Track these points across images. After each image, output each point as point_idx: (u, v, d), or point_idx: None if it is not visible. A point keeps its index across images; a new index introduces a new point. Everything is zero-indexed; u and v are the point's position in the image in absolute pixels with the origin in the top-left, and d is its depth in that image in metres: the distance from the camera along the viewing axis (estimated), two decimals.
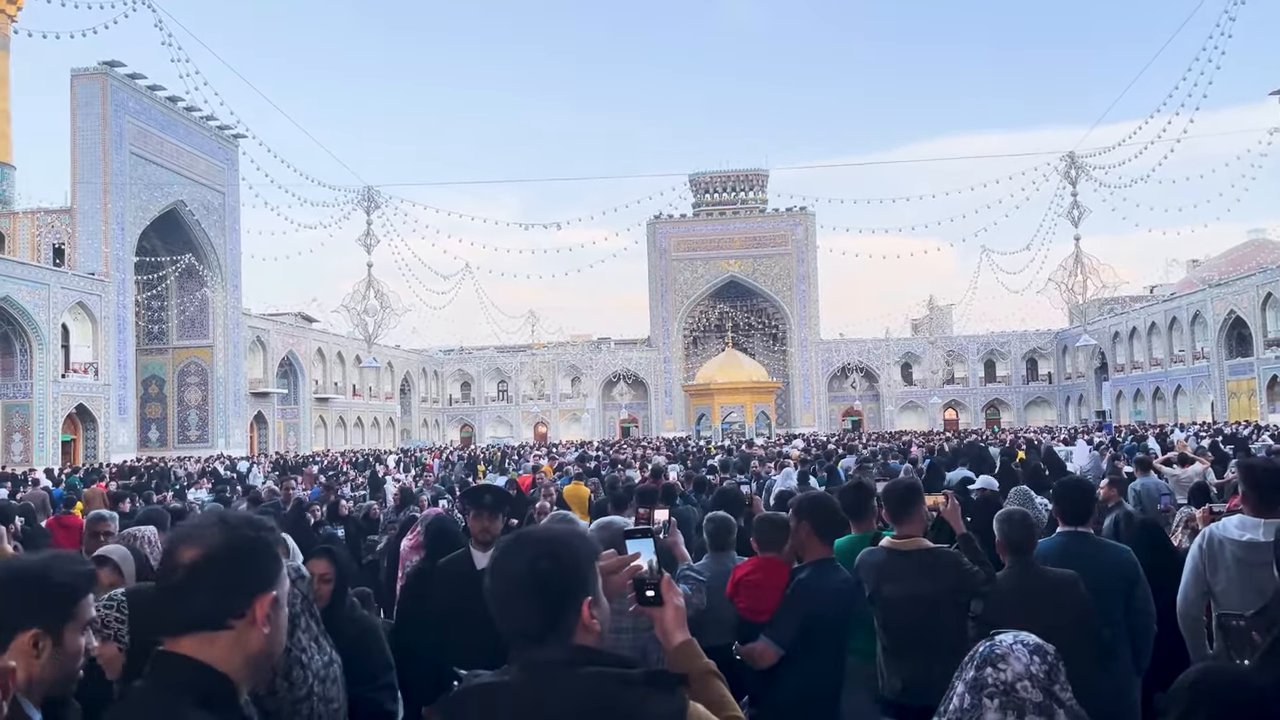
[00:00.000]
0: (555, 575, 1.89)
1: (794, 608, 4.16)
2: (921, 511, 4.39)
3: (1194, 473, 15.20)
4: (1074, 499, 4.92)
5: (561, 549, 1.95)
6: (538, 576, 1.88)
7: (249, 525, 1.84)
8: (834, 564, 4.37)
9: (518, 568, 1.91)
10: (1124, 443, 25.47)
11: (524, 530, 2.11)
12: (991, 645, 2.08)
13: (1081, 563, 4.50)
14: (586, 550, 2.01)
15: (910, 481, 4.53)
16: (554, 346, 78.96)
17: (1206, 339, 59.54)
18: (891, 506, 4.41)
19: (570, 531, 2.09)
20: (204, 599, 1.74)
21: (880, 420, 77.15)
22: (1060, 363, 79.44)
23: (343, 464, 35.10)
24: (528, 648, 1.89)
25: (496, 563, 1.97)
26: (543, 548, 1.95)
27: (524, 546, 1.96)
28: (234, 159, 52.57)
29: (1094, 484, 5.33)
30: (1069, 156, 28.78)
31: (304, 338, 62.68)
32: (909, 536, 4.33)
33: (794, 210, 77.03)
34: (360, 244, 31.49)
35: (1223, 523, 4.30)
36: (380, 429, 71.58)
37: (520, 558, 1.92)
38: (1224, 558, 4.20)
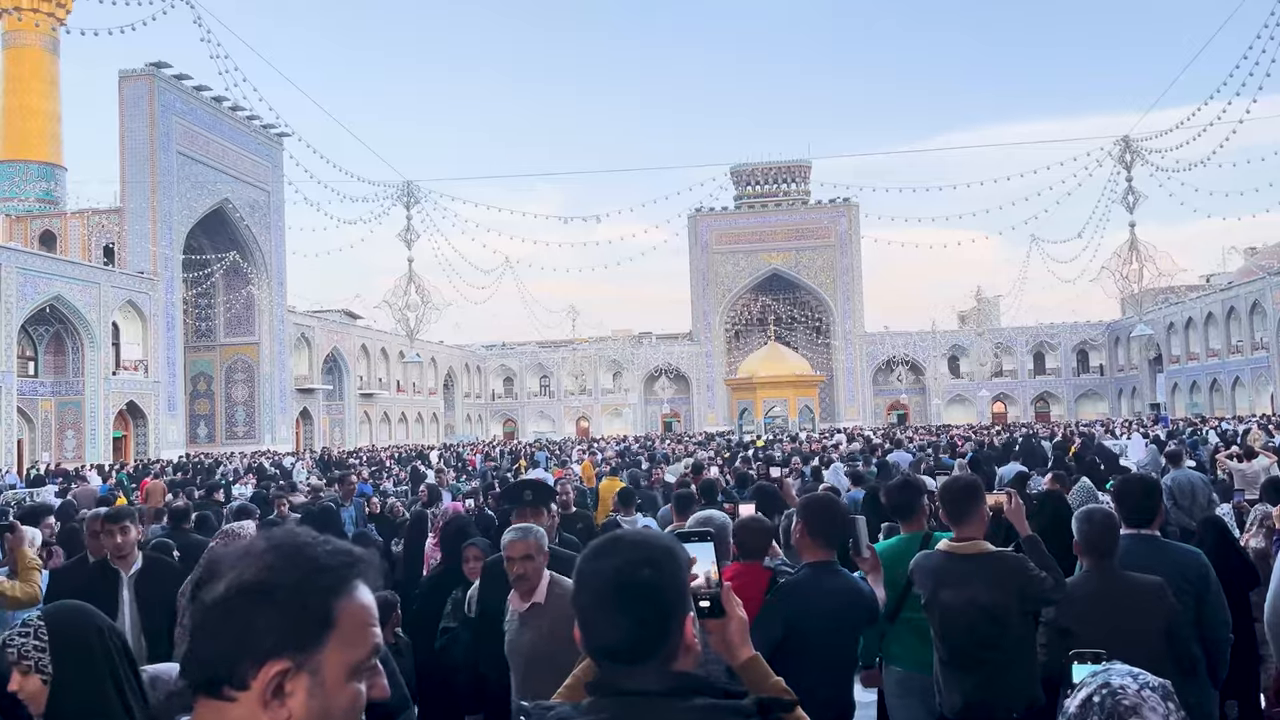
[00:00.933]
0: (659, 586, 1.61)
1: (774, 612, 3.91)
2: (983, 511, 4.01)
3: (1260, 467, 14.58)
4: (1136, 498, 4.52)
5: (664, 556, 1.67)
6: (640, 587, 1.60)
7: (299, 558, 1.25)
8: (831, 567, 4.11)
9: (614, 575, 1.62)
10: (1184, 436, 24.62)
11: (618, 532, 1.83)
12: (1111, 692, 1.73)
13: (1147, 567, 4.12)
14: (685, 558, 1.74)
15: (970, 479, 4.15)
16: (595, 341, 78.88)
17: (1266, 329, 57.77)
18: (949, 506, 4.04)
19: (667, 536, 1.81)
20: (202, 653, 1.23)
21: (926, 414, 76.01)
22: (1112, 354, 77.67)
23: (387, 459, 35.27)
24: (621, 671, 1.60)
25: (586, 567, 1.69)
26: (642, 552, 1.66)
27: (620, 550, 1.68)
28: (278, 157, 53.14)
29: (1157, 481, 4.91)
30: (1123, 140, 27.91)
31: (348, 334, 63.23)
32: (969, 539, 3.96)
33: (836, 202, 76.10)
34: (401, 239, 31.53)
35: None
36: (424, 424, 72.04)
37: (616, 563, 1.64)
38: None
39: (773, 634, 3.83)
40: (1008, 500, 4.18)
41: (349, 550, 1.30)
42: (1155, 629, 3.75)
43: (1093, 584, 3.97)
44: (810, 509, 4.23)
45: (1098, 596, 3.86)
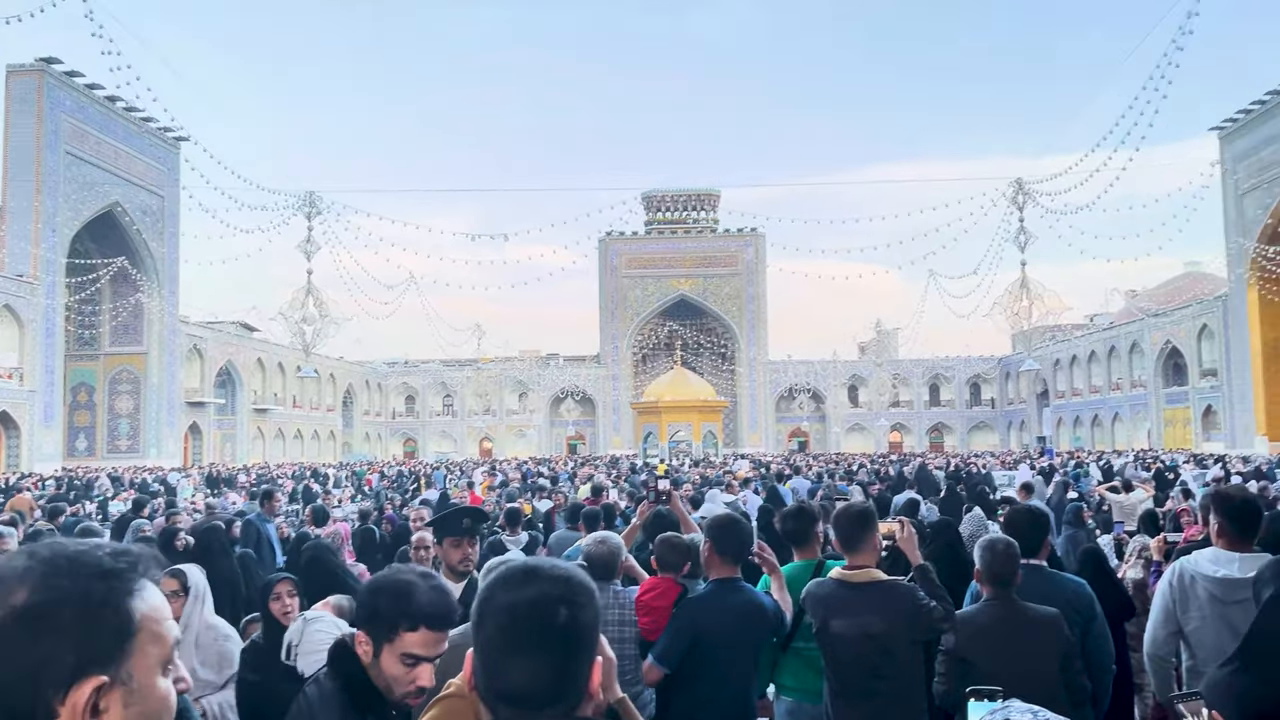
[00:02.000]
0: (577, 627, 1.46)
1: (678, 625, 4.07)
2: (875, 540, 4.00)
3: (1137, 500, 15.19)
4: (1024, 528, 4.59)
5: (584, 593, 1.51)
6: (557, 627, 1.44)
7: (76, 567, 1.12)
8: (736, 583, 4.27)
9: (529, 611, 1.45)
10: (1067, 468, 25.60)
11: (533, 562, 1.62)
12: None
13: (1037, 597, 4.18)
14: (597, 593, 1.59)
15: (863, 507, 4.14)
16: (501, 361, 78.12)
17: (1144, 368, 60.81)
18: (842, 534, 4.03)
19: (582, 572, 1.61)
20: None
21: (826, 441, 77.48)
22: (1003, 388, 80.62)
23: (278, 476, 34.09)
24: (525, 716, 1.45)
25: (493, 600, 1.50)
26: (562, 588, 1.49)
27: (537, 581, 1.50)
28: (174, 161, 51.21)
29: (1045, 511, 5.01)
30: (1016, 182, 29.14)
31: (243, 347, 61.19)
32: (860, 567, 3.94)
33: (745, 231, 77.39)
34: (301, 250, 30.65)
35: (1194, 557, 3.99)
36: (320, 442, 70.05)
37: (532, 596, 1.47)
38: (1196, 595, 3.88)
39: (679, 645, 3.99)
40: (900, 528, 4.18)
41: (127, 550, 1.21)
42: (1051, 660, 3.78)
43: (993, 613, 3.98)
44: (717, 529, 4.38)
45: (998, 626, 3.88)
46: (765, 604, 4.29)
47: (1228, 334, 51.77)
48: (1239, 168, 50.06)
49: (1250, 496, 3.99)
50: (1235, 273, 50.30)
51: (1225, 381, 52.17)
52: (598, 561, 4.45)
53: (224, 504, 16.74)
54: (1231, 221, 50.65)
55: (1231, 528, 3.90)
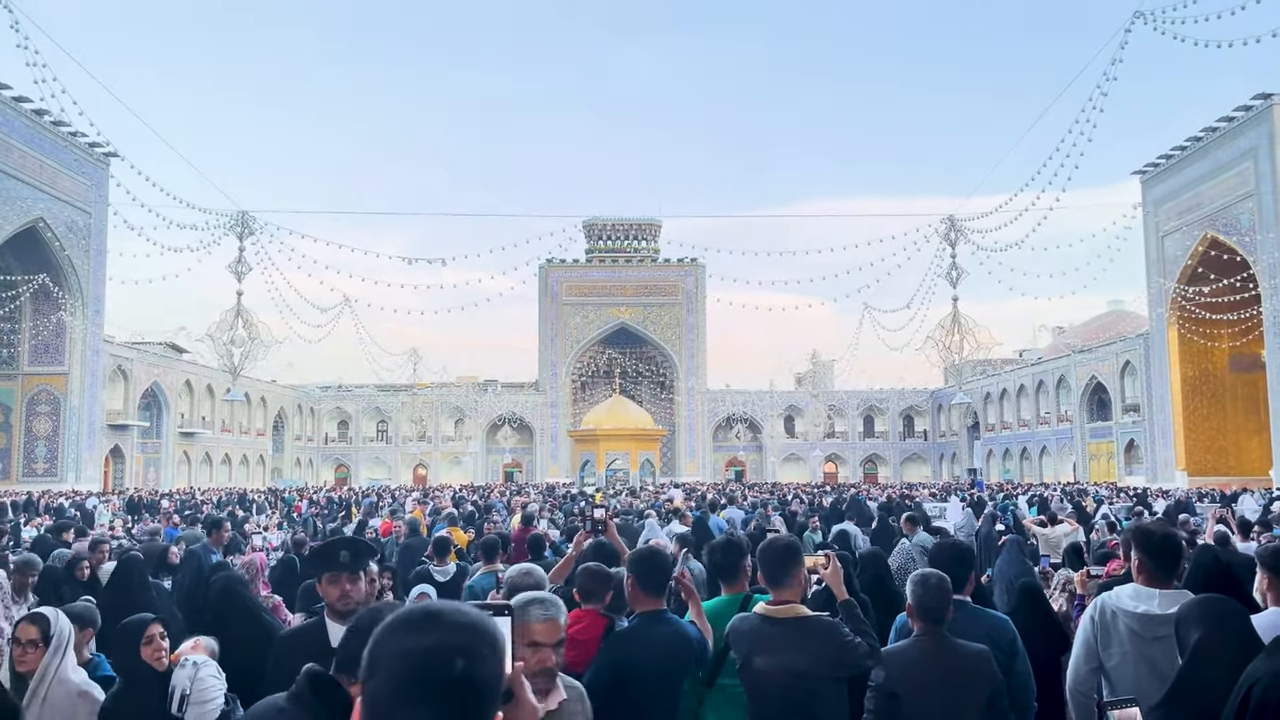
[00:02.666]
0: (474, 681, 1.30)
1: (603, 658, 4.02)
2: (800, 575, 3.95)
3: (1062, 533, 15.46)
4: (949, 563, 4.60)
5: (486, 642, 1.36)
6: (452, 680, 1.29)
7: None
8: (662, 615, 4.25)
9: (423, 660, 1.30)
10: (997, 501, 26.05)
11: (436, 606, 1.43)
12: None
13: (961, 632, 4.17)
14: (503, 642, 1.42)
15: (789, 541, 4.08)
16: (437, 387, 77.22)
17: (1070, 403, 62.46)
18: (767, 568, 3.97)
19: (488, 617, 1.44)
20: None
21: (763, 471, 77.94)
22: (935, 420, 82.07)
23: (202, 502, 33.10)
24: None
25: (388, 644, 1.34)
26: (462, 636, 1.33)
27: (435, 628, 1.35)
28: (102, 178, 49.79)
29: (970, 546, 5.02)
30: (949, 219, 29.84)
31: (170, 368, 59.54)
32: (785, 602, 3.88)
33: (685, 261, 77.95)
34: (231, 271, 29.94)
35: (1115, 592, 4.01)
36: (249, 467, 68.30)
37: (427, 644, 1.32)
38: (1117, 631, 3.89)
39: (603, 680, 3.93)
40: (825, 562, 4.13)
41: None
42: (980, 697, 3.76)
43: (924, 649, 3.95)
44: (638, 562, 4.37)
45: (928, 662, 3.84)
46: (690, 634, 4.27)
47: (1149, 371, 53.45)
48: (1160, 211, 51.98)
49: (1170, 532, 4.03)
50: (1156, 312, 52.03)
51: (1147, 417, 53.78)
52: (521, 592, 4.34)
53: (170, 531, 16.06)
54: (1153, 262, 52.46)
55: (1151, 564, 3.93)
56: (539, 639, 3.08)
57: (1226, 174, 46.74)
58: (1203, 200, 48.52)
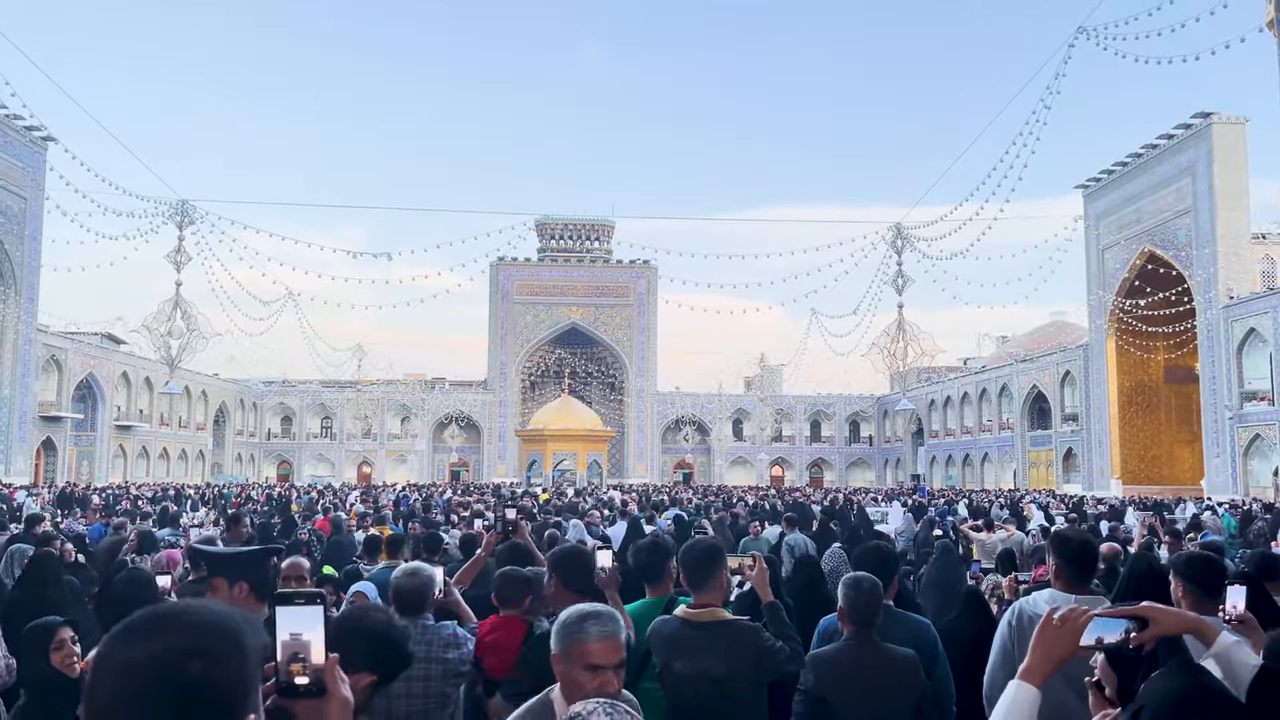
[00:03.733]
0: (211, 684, 1.18)
1: (526, 661, 3.93)
2: (722, 577, 3.90)
3: (998, 539, 15.69)
4: (874, 567, 4.60)
5: (223, 641, 1.23)
6: (186, 687, 1.16)
7: None
8: None
9: (151, 667, 1.17)
10: (937, 506, 26.39)
11: (164, 606, 1.30)
12: None
13: (883, 637, 4.17)
14: (253, 644, 1.28)
15: (711, 543, 4.03)
16: (383, 384, 76.29)
17: (1012, 411, 63.60)
18: (689, 570, 3.91)
19: (234, 613, 1.30)
20: None
21: (711, 473, 78.22)
22: (880, 426, 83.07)
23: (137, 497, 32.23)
24: None
25: (112, 654, 1.20)
26: (194, 637, 1.21)
27: (164, 632, 1.21)
28: (38, 162, 48.35)
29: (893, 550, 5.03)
30: (896, 227, 30.20)
31: (107, 359, 58.01)
32: (706, 606, 3.83)
33: (637, 263, 77.98)
34: (170, 261, 29.22)
35: (1033, 598, 4.03)
36: (188, 462, 66.83)
37: (154, 650, 1.18)
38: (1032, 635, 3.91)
39: (523, 688, 3.78)
40: (751, 564, 4.10)
41: None
42: (908, 701, 3.75)
43: (853, 653, 3.93)
44: (560, 563, 4.34)
45: (857, 667, 3.83)
46: None
47: (1088, 381, 54.63)
48: (1100, 224, 53.19)
49: (1087, 538, 4.05)
50: (1096, 324, 53.22)
51: (1085, 426, 54.96)
52: (406, 594, 4.19)
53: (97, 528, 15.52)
54: (1093, 275, 53.66)
55: (1068, 569, 3.95)
56: (597, 660, 2.67)
57: (1165, 190, 47.97)
58: (1142, 215, 49.74)
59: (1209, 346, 45.32)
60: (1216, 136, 44.96)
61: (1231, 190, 44.62)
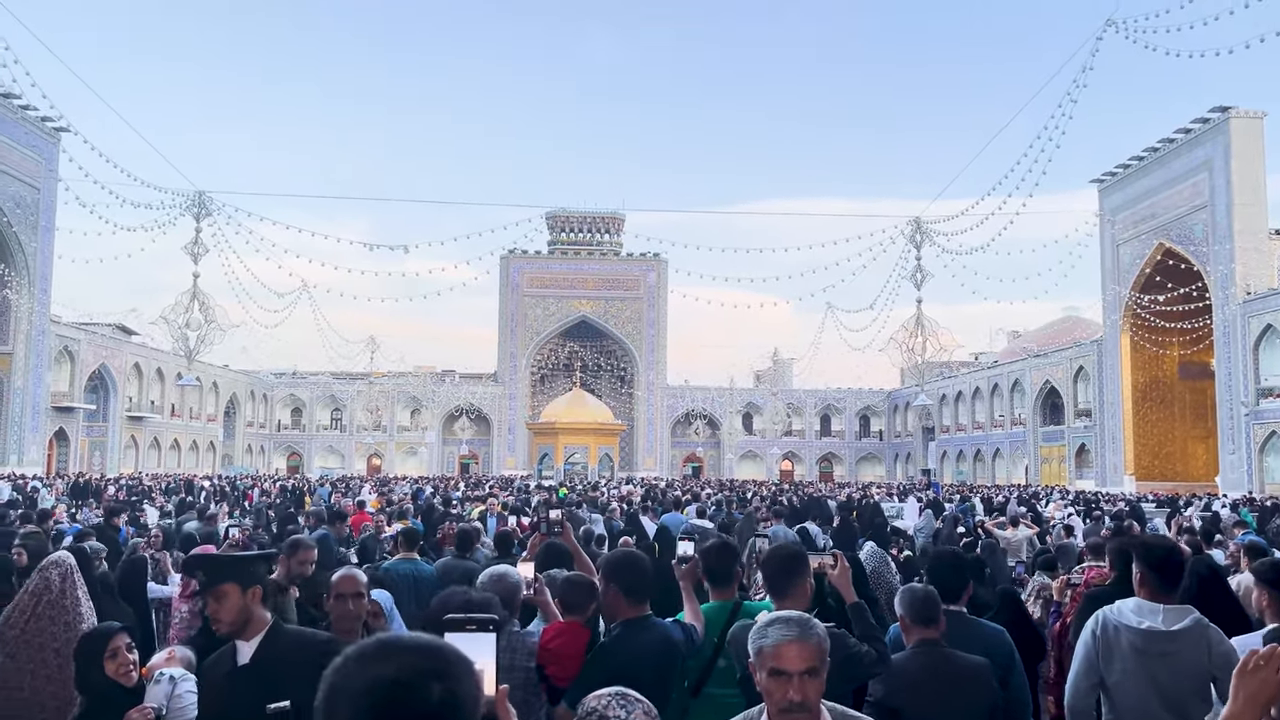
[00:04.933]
0: (456, 706, 1.20)
1: (592, 669, 3.86)
2: (806, 584, 3.78)
3: (1023, 537, 15.54)
4: (948, 573, 4.49)
5: (459, 665, 1.25)
6: (431, 708, 1.18)
7: None
8: (647, 621, 4.12)
9: (392, 690, 1.18)
10: (956, 502, 26.25)
11: (384, 636, 1.33)
12: None
13: (958, 644, 4.07)
14: (473, 663, 1.31)
15: (794, 549, 3.92)
16: (394, 376, 76.33)
17: (1024, 406, 63.36)
18: (772, 577, 3.80)
19: (441, 641, 1.34)
20: None
21: (720, 467, 78.16)
22: (891, 421, 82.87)
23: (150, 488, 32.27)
24: None
25: (344, 683, 1.22)
26: (430, 660, 1.23)
27: (392, 657, 1.23)
28: (52, 153, 48.36)
29: (965, 556, 4.92)
30: (915, 221, 30.02)
31: (120, 351, 58.12)
32: None
33: (648, 255, 77.81)
34: (187, 252, 29.18)
35: (1116, 607, 3.92)
36: (199, 453, 67.01)
37: (392, 672, 1.20)
38: (1120, 646, 3.81)
39: (590, 691, 3.59)
40: (834, 562, 3.99)
41: None
42: (980, 712, 3.65)
43: (922, 662, 3.84)
44: (618, 569, 4.20)
45: (927, 676, 3.74)
46: (675, 637, 4.14)
47: (1102, 377, 54.36)
48: (1116, 219, 52.86)
49: (1173, 546, 3.96)
50: (1110, 319, 52.94)
51: (1098, 422, 54.71)
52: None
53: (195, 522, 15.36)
54: (1108, 270, 53.34)
55: (1154, 579, 3.85)
56: (782, 665, 2.53)
57: (1182, 185, 47.62)
58: (1158, 210, 49.41)
59: (1225, 342, 45.04)
60: (1234, 131, 44.60)
61: (1249, 185, 44.29)
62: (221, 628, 3.35)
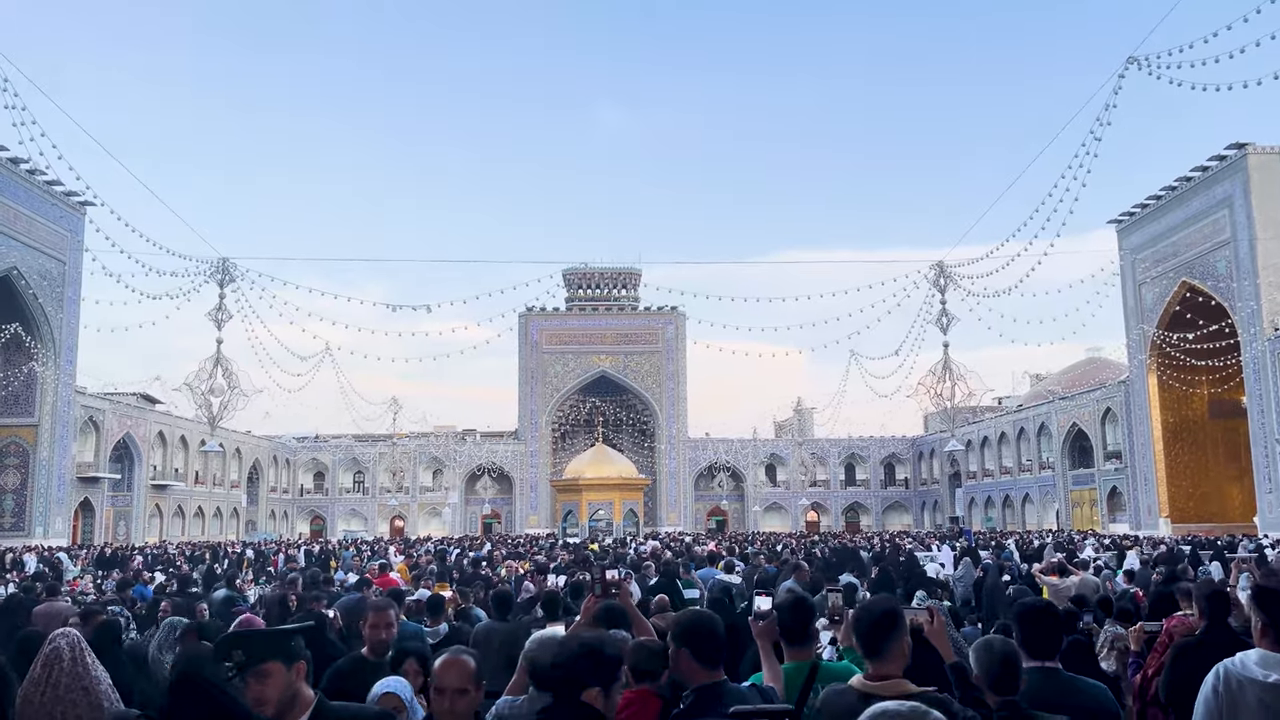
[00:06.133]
0: None
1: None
2: (904, 643, 3.48)
3: (1073, 583, 15.09)
4: (1041, 628, 4.19)
5: None
6: None
7: None
8: (721, 686, 3.86)
9: None
10: (987, 550, 25.68)
11: None
12: None
13: (1053, 705, 3.76)
14: None
15: (891, 603, 3.63)
16: (416, 437, 76.27)
17: (1051, 450, 62.48)
18: (865, 637, 3.50)
19: None
20: None
21: (745, 520, 77.27)
22: (916, 469, 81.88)
23: (175, 556, 32.08)
24: None
25: None
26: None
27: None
28: (78, 225, 49.15)
29: (1057, 609, 4.63)
30: (939, 265, 29.92)
31: (143, 419, 58.38)
32: (887, 677, 3.42)
33: (665, 309, 77.93)
34: (211, 319, 29.35)
35: (1238, 660, 3.65)
36: (223, 520, 66.88)
37: None
38: (1246, 702, 3.53)
39: None
40: (929, 620, 3.70)
41: None
42: None
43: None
44: (689, 633, 3.96)
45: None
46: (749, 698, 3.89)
47: (1130, 418, 53.60)
48: (1136, 259, 52.57)
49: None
50: (1136, 359, 52.34)
51: (1129, 464, 53.83)
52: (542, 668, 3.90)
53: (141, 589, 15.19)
54: (1131, 310, 52.89)
55: (1276, 628, 3.58)
56: None
57: (1202, 223, 47.39)
58: (1179, 248, 49.12)
59: (1255, 379, 44.37)
60: (1253, 167, 44.48)
61: (1271, 221, 44.00)
62: (267, 710, 3.03)
